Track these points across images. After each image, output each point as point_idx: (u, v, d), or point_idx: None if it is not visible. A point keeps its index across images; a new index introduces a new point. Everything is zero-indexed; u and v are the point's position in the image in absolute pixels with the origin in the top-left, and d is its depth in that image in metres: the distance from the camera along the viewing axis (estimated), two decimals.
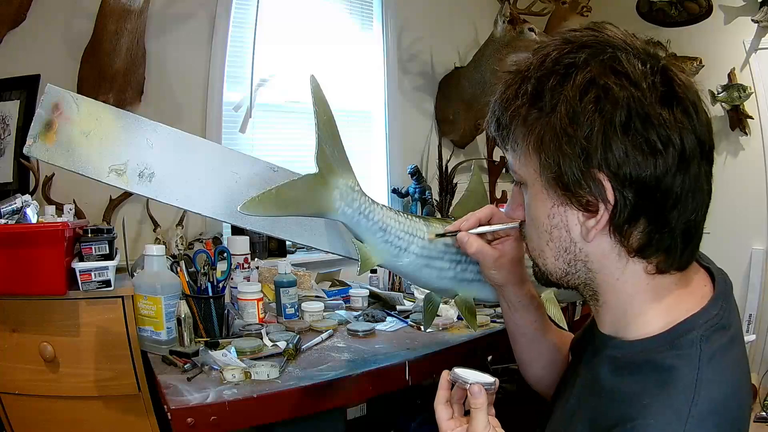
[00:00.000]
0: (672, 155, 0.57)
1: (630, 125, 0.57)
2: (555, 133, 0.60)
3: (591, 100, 0.57)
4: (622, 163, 0.57)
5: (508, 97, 0.65)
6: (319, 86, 0.90)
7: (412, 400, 1.76)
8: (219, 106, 2.25)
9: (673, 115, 0.57)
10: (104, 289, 1.35)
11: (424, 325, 1.20)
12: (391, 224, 0.95)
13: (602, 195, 0.59)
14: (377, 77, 2.76)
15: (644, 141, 0.57)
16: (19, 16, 1.83)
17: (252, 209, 0.82)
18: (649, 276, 0.63)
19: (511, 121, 0.65)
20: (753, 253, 2.83)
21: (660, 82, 0.58)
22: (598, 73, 0.58)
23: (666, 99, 0.58)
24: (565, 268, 0.67)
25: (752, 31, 2.77)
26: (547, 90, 0.61)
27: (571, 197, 0.61)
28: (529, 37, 2.40)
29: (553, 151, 0.60)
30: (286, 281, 1.58)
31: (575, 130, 0.58)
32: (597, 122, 0.57)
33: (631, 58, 0.59)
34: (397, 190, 2.70)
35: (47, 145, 0.86)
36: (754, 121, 2.82)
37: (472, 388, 0.70)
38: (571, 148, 0.59)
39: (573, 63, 0.60)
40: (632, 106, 0.57)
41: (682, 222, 0.60)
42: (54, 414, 1.33)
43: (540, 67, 0.62)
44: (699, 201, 0.61)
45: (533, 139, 0.62)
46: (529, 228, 0.70)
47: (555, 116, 0.59)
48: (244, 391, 1.08)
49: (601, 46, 0.60)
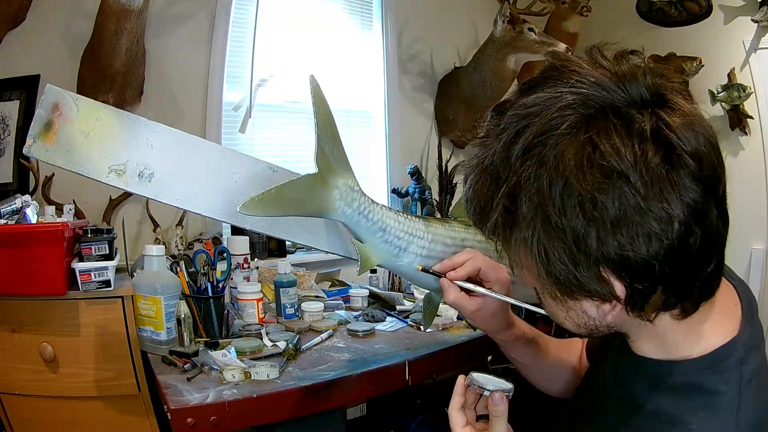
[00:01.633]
0: (678, 229, 0.51)
1: (623, 221, 0.50)
2: (543, 245, 0.54)
3: (573, 207, 0.51)
4: (624, 257, 0.52)
5: (481, 207, 0.59)
6: (318, 86, 0.90)
7: (412, 400, 1.76)
8: (219, 106, 2.25)
9: (672, 181, 0.50)
10: (104, 289, 1.35)
11: (424, 325, 1.20)
12: (390, 224, 0.95)
13: (611, 291, 0.55)
14: (377, 77, 2.76)
15: (644, 231, 0.51)
16: (19, 16, 1.83)
17: (251, 209, 0.82)
18: (677, 320, 0.60)
19: (493, 233, 0.60)
20: (753, 252, 2.83)
21: (650, 139, 0.50)
22: (575, 171, 0.50)
23: (661, 162, 0.50)
24: (586, 332, 0.65)
25: (752, 31, 2.76)
26: (521, 201, 0.54)
27: (578, 297, 0.58)
28: (528, 37, 2.40)
29: (545, 262, 0.55)
30: (286, 281, 1.58)
31: (563, 238, 0.52)
32: (585, 228, 0.51)
33: (609, 130, 0.50)
34: (397, 190, 2.70)
35: (47, 145, 0.86)
36: (754, 121, 2.82)
37: (494, 396, 0.69)
38: (565, 258, 0.53)
39: (542, 157, 0.52)
40: (621, 201, 0.50)
41: (700, 274, 0.56)
42: (54, 414, 1.33)
43: (506, 164, 0.55)
44: (717, 244, 0.55)
45: (522, 252, 0.58)
46: (544, 301, 0.65)
47: (537, 229, 0.53)
48: (243, 391, 1.08)
49: (569, 115, 0.52)
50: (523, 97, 0.57)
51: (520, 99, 0.57)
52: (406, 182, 2.67)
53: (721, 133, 2.88)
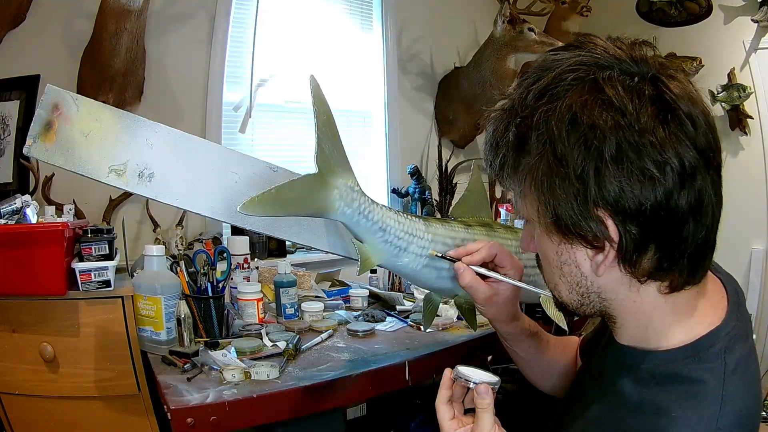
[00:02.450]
0: (671, 177, 0.55)
1: (621, 157, 0.54)
2: (546, 176, 0.58)
3: (577, 138, 0.55)
4: (619, 198, 0.55)
5: (496, 143, 0.64)
6: (318, 86, 0.90)
7: (412, 400, 1.76)
8: (219, 107, 2.25)
9: (667, 132, 0.55)
10: (104, 289, 1.35)
11: (424, 325, 1.20)
12: (390, 224, 0.95)
13: (605, 233, 0.58)
14: (377, 77, 2.76)
15: (639, 170, 0.54)
16: (19, 17, 1.83)
17: (251, 209, 0.82)
18: (664, 295, 0.63)
19: (502, 168, 0.64)
20: (753, 253, 2.83)
21: (649, 97, 0.56)
22: (581, 107, 0.56)
23: (658, 115, 0.55)
24: (579, 299, 0.67)
25: (752, 31, 2.76)
26: (531, 132, 0.59)
27: (573, 238, 0.61)
28: (528, 37, 2.40)
29: (547, 195, 0.59)
30: (286, 281, 1.58)
31: (566, 170, 0.56)
32: (587, 160, 0.55)
33: (614, 80, 0.56)
34: (397, 190, 2.70)
35: (47, 145, 0.87)
36: (754, 121, 2.82)
37: (479, 388, 0.70)
38: (565, 190, 0.57)
39: (554, 95, 0.58)
40: (621, 136, 0.54)
41: (692, 239, 0.58)
42: (54, 414, 1.33)
43: (522, 104, 0.60)
44: (708, 213, 0.58)
45: (527, 183, 0.61)
46: (543, 261, 0.70)
47: (543, 159, 0.58)
48: (243, 391, 1.08)
49: (583, 68, 0.58)
50: (546, 55, 0.63)
51: (544, 56, 0.63)
52: (406, 182, 2.67)
53: (721, 133, 2.83)
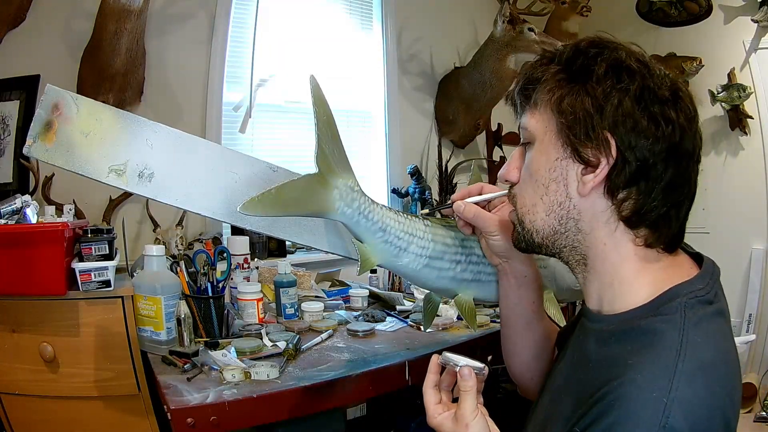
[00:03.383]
0: (669, 142, 0.63)
1: (642, 97, 0.63)
2: (578, 91, 0.65)
3: (614, 72, 0.64)
4: (628, 129, 0.63)
5: (544, 61, 0.70)
6: (318, 86, 0.90)
7: (412, 400, 1.76)
8: (219, 106, 2.25)
9: (675, 112, 0.63)
10: (104, 289, 1.35)
11: (424, 325, 1.20)
12: (390, 224, 0.95)
13: (606, 150, 0.63)
14: (377, 77, 2.77)
15: (650, 116, 0.62)
16: (19, 17, 1.84)
17: (251, 209, 0.82)
18: (636, 247, 0.66)
19: (542, 76, 0.69)
20: (753, 252, 2.83)
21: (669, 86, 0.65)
22: (625, 56, 0.65)
23: (673, 98, 0.64)
24: (555, 225, 0.68)
25: (752, 31, 2.77)
26: (579, 59, 0.66)
27: (576, 148, 0.65)
28: (528, 37, 2.40)
29: (571, 105, 0.65)
30: (286, 281, 1.58)
31: (595, 90, 0.64)
32: (614, 88, 0.63)
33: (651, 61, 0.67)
34: (397, 190, 2.70)
35: (47, 145, 0.86)
36: (754, 121, 2.82)
37: (462, 370, 0.71)
38: (589, 104, 0.64)
39: (604, 48, 0.66)
40: (646, 84, 0.63)
41: (670, 200, 0.64)
42: (54, 414, 1.33)
43: (574, 48, 0.68)
44: (686, 191, 0.66)
45: (556, 96, 0.67)
46: (525, 184, 0.72)
47: (581, 77, 0.65)
48: (243, 391, 1.08)
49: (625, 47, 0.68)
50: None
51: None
52: (406, 182, 2.67)
53: (721, 133, 2.88)
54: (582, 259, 0.69)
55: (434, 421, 0.74)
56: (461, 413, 0.71)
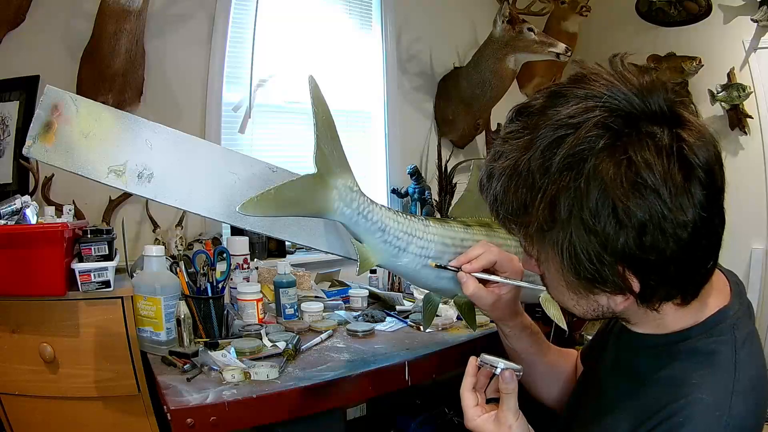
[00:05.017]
0: (691, 233, 0.57)
1: (648, 225, 0.56)
2: (572, 243, 0.58)
3: (608, 211, 0.56)
4: (643, 256, 0.57)
5: (514, 208, 0.62)
6: (317, 86, 0.90)
7: (412, 400, 1.76)
8: (218, 107, 2.25)
9: (689, 192, 0.56)
10: (104, 289, 1.35)
11: (424, 326, 1.20)
12: (390, 224, 0.95)
13: (628, 287, 0.60)
14: (376, 77, 2.76)
15: (663, 234, 0.56)
16: (19, 17, 1.84)
17: (251, 210, 0.82)
18: (677, 306, 0.66)
19: (521, 229, 0.64)
20: (753, 252, 2.83)
21: (675, 156, 0.56)
22: (611, 182, 0.55)
23: (682, 178, 0.56)
24: (591, 318, 0.69)
25: (752, 31, 2.77)
26: (560, 204, 0.58)
27: (597, 292, 0.63)
28: (528, 37, 2.40)
29: (572, 258, 0.59)
30: (286, 282, 1.58)
31: (594, 239, 0.57)
32: (615, 229, 0.56)
33: (642, 143, 0.56)
34: (397, 190, 2.70)
35: (46, 145, 0.87)
36: (754, 121, 2.82)
37: (504, 373, 0.72)
38: (591, 253, 0.58)
39: (581, 165, 0.56)
40: (650, 209, 0.55)
41: (702, 271, 0.63)
42: (54, 415, 1.33)
43: (545, 171, 0.58)
44: (717, 244, 0.62)
45: (549, 242, 0.61)
46: (553, 289, 0.69)
47: (571, 227, 0.58)
48: (243, 391, 1.08)
49: (604, 127, 0.57)
50: (552, 104, 0.60)
51: (550, 107, 0.60)
52: (405, 182, 2.67)
53: (721, 132, 2.88)
54: (626, 319, 0.71)
55: (473, 423, 0.74)
56: (504, 415, 0.72)
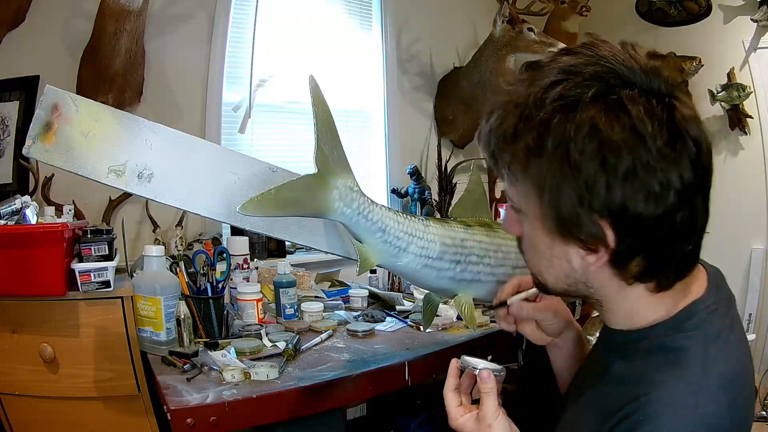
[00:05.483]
0: (673, 196, 0.57)
1: (632, 174, 0.56)
2: (556, 179, 0.58)
3: (594, 150, 0.56)
4: (623, 209, 0.57)
5: (507, 135, 0.62)
6: (317, 86, 0.90)
7: (412, 400, 1.76)
8: (218, 107, 2.25)
9: (674, 155, 0.56)
10: (104, 289, 1.35)
11: (424, 325, 1.20)
12: (390, 224, 0.95)
13: (603, 239, 0.59)
14: (376, 77, 2.76)
15: (646, 188, 0.56)
16: (19, 17, 1.83)
17: (251, 210, 0.82)
18: (650, 292, 0.64)
19: (511, 159, 0.63)
20: (753, 252, 2.83)
21: (665, 120, 0.57)
22: (602, 121, 0.56)
23: (670, 139, 0.56)
24: (565, 288, 0.68)
25: (751, 31, 2.77)
26: (549, 135, 0.58)
27: (570, 238, 0.62)
28: (528, 37, 2.40)
29: (554, 196, 0.59)
30: (286, 282, 1.58)
31: (577, 176, 0.57)
32: (599, 171, 0.56)
33: (635, 99, 0.57)
34: (397, 190, 2.70)
35: (46, 145, 0.87)
36: (754, 121, 2.82)
37: (482, 373, 0.72)
38: (573, 193, 0.58)
39: (575, 103, 0.57)
40: (635, 155, 0.55)
41: (680, 250, 0.61)
42: (54, 415, 1.33)
43: (540, 104, 0.59)
44: (698, 229, 0.61)
45: (533, 179, 0.61)
46: (528, 249, 0.70)
47: (557, 160, 0.58)
48: (243, 391, 1.08)
49: (603, 79, 0.58)
50: (561, 56, 0.62)
51: (559, 58, 0.62)
52: (405, 182, 2.67)
53: (721, 132, 2.88)
54: (597, 302, 0.69)
55: (456, 423, 0.75)
56: (483, 414, 0.72)
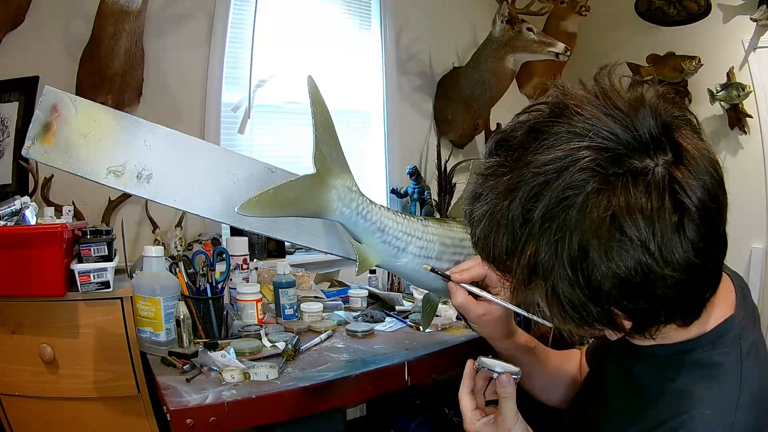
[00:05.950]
0: (684, 274, 0.53)
1: (637, 278, 0.52)
2: (560, 294, 0.55)
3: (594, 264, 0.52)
4: (632, 305, 0.54)
5: (497, 254, 0.58)
6: (316, 87, 0.90)
7: (412, 400, 1.76)
8: (217, 107, 2.25)
9: (681, 236, 0.52)
10: (103, 290, 1.35)
11: (423, 326, 1.20)
12: (389, 224, 0.95)
13: (619, 325, 0.58)
14: (376, 77, 2.77)
15: (654, 282, 0.52)
16: (18, 18, 1.84)
17: (250, 210, 0.82)
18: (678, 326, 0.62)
19: (509, 275, 0.60)
20: (752, 251, 2.83)
21: (669, 201, 0.51)
22: (599, 238, 0.51)
23: (676, 225, 0.51)
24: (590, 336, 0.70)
25: (751, 30, 2.77)
26: (542, 259, 0.54)
27: (584, 327, 0.58)
28: (527, 37, 2.40)
29: (561, 308, 0.56)
30: (285, 282, 1.58)
31: (581, 290, 0.54)
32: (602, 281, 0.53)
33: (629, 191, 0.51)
34: (396, 190, 2.70)
35: (45, 146, 0.87)
36: (753, 120, 2.82)
37: (502, 377, 0.71)
38: (576, 303, 0.55)
39: (564, 224, 0.53)
40: (638, 262, 0.51)
41: (700, 299, 0.58)
42: (54, 415, 1.33)
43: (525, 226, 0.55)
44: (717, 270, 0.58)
45: (538, 293, 0.58)
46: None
47: (557, 281, 0.54)
48: (243, 392, 1.08)
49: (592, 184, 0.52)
50: (533, 140, 0.56)
51: (531, 143, 0.56)
52: (405, 182, 2.67)
53: (720, 132, 2.88)
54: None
55: (473, 427, 0.74)
56: (503, 418, 0.71)
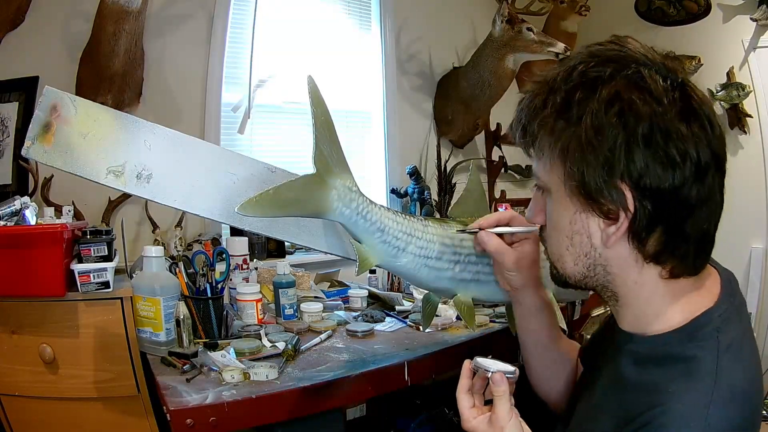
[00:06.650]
0: (689, 167, 0.60)
1: (651, 138, 0.60)
2: (580, 143, 0.62)
3: (615, 114, 0.60)
4: (642, 174, 0.60)
5: (536, 107, 0.67)
6: (316, 87, 0.90)
7: (412, 400, 1.77)
8: (217, 107, 2.25)
9: (690, 130, 0.60)
10: (103, 290, 1.35)
11: (423, 326, 1.20)
12: (389, 224, 0.95)
13: (623, 204, 0.62)
14: (376, 77, 2.76)
15: (664, 154, 0.60)
16: (18, 18, 1.84)
17: (250, 210, 0.82)
18: (663, 280, 0.66)
19: (539, 129, 0.67)
20: (752, 251, 2.83)
21: (679, 97, 0.61)
22: (623, 88, 0.61)
23: (684, 114, 0.61)
24: (584, 272, 0.70)
25: (751, 30, 2.77)
26: (574, 102, 0.63)
27: (593, 205, 0.64)
28: (527, 37, 2.40)
29: (577, 161, 0.63)
30: (285, 282, 1.58)
31: (600, 141, 0.61)
32: (620, 135, 0.60)
33: (653, 74, 0.62)
34: (396, 190, 2.70)
35: (45, 146, 0.87)
36: (753, 120, 2.82)
37: (494, 376, 0.72)
38: (595, 158, 0.62)
39: (599, 77, 0.63)
40: (654, 120, 0.60)
41: (696, 230, 0.64)
42: (54, 415, 1.33)
43: (567, 79, 0.65)
44: (712, 210, 0.64)
45: (559, 147, 0.65)
46: (550, 233, 0.73)
47: (581, 127, 0.62)
48: (243, 392, 1.08)
49: (625, 61, 0.63)
50: (588, 47, 0.67)
51: (585, 48, 0.67)
52: (405, 182, 2.67)
53: None
54: (613, 296, 0.71)
55: (469, 425, 0.75)
56: (496, 417, 0.72)
